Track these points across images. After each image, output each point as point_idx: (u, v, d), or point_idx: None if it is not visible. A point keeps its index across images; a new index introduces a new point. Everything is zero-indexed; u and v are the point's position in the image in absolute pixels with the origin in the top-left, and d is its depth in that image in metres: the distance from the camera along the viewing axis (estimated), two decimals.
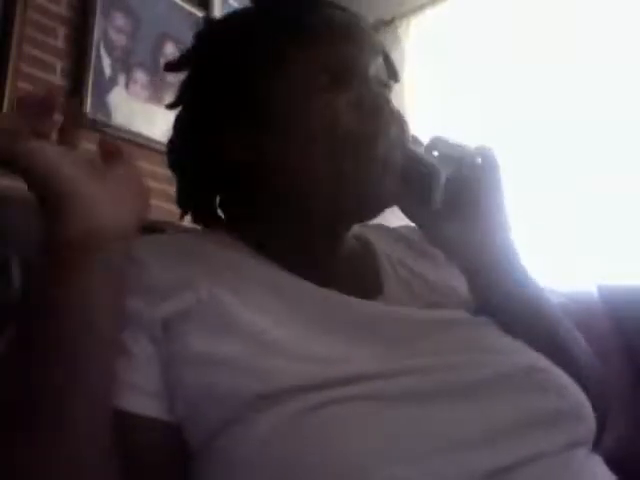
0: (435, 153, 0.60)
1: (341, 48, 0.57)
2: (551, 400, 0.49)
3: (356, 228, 0.64)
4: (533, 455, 0.44)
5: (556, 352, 0.54)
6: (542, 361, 0.52)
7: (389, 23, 2.72)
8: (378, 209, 0.58)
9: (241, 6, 0.65)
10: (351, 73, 0.57)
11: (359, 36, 0.59)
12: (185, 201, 0.64)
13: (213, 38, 0.62)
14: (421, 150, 0.60)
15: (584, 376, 0.55)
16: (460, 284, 0.65)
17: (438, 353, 0.50)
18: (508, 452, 0.43)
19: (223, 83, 0.59)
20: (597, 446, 0.53)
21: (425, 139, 0.62)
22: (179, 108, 0.64)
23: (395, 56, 2.45)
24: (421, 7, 2.64)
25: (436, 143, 0.60)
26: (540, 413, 0.48)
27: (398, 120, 0.58)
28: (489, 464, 0.42)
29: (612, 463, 0.53)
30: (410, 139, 0.60)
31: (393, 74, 0.65)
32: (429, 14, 2.61)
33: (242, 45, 0.58)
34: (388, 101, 0.58)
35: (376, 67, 0.59)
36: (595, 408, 0.52)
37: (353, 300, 0.54)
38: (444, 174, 0.58)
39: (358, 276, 0.61)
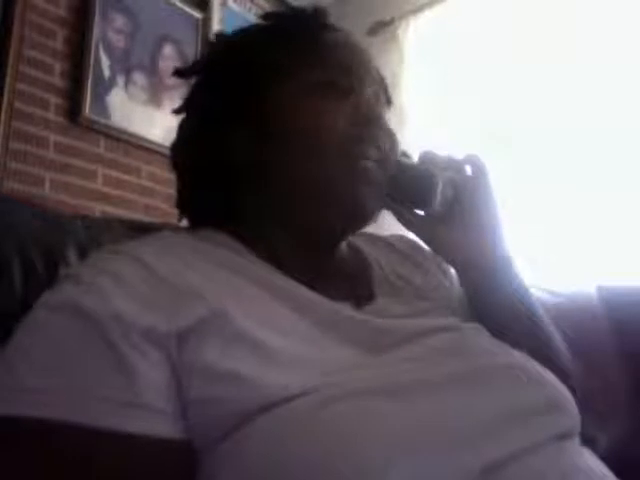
0: (427, 165, 0.63)
1: (342, 64, 0.61)
2: (534, 392, 0.51)
3: (350, 238, 0.66)
4: (524, 448, 0.45)
5: (539, 351, 0.57)
6: (524, 358, 0.54)
7: (388, 24, 2.73)
8: (364, 214, 0.60)
9: (240, 8, 0.67)
10: (349, 87, 0.60)
11: (359, 58, 0.63)
12: (185, 202, 0.65)
13: (223, 48, 0.66)
14: (412, 162, 0.64)
15: (566, 375, 0.56)
16: (450, 290, 0.69)
17: (425, 354, 0.52)
18: (495, 446, 0.44)
19: (230, 89, 0.62)
20: (594, 445, 0.54)
21: (422, 141, 0.66)
22: (177, 112, 0.66)
23: (394, 57, 2.45)
24: (420, 8, 2.64)
25: (426, 156, 0.64)
26: (524, 405, 0.49)
27: (388, 133, 0.62)
28: (484, 458, 0.42)
29: (612, 463, 0.53)
30: (400, 153, 0.63)
31: (388, 100, 0.68)
32: (428, 15, 2.62)
33: (249, 55, 0.62)
34: (380, 114, 0.61)
35: (372, 88, 0.63)
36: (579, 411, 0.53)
37: (346, 307, 0.56)
38: (440, 180, 0.61)
39: (351, 282, 0.62)
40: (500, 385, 0.49)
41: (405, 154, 0.64)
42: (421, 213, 0.65)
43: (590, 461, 0.51)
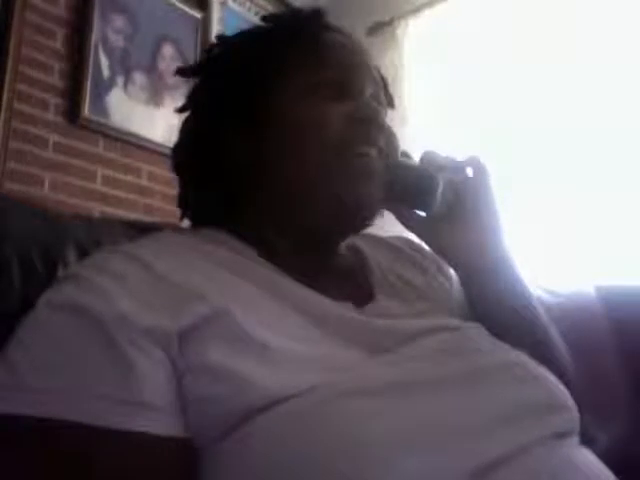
0: (428, 166, 0.63)
1: (343, 65, 0.61)
2: (533, 391, 0.51)
3: (349, 238, 0.67)
4: (522, 446, 0.45)
5: (538, 350, 0.57)
6: (523, 357, 0.54)
7: (388, 24, 2.73)
8: (363, 214, 0.60)
9: (240, 8, 0.68)
10: (350, 88, 0.60)
11: (360, 59, 0.63)
12: (187, 202, 0.66)
13: (224, 50, 0.66)
14: (413, 163, 0.64)
15: (565, 375, 0.57)
16: (450, 291, 0.69)
17: (425, 354, 0.52)
18: (494, 444, 0.44)
19: (230, 90, 0.62)
20: (594, 445, 0.54)
21: (422, 141, 0.66)
22: (179, 112, 0.67)
23: (394, 57, 2.46)
24: (420, 8, 2.64)
25: (427, 156, 0.64)
26: (523, 404, 0.49)
27: (387, 133, 0.62)
28: (483, 457, 0.43)
29: (612, 463, 0.53)
30: (401, 153, 0.64)
31: (390, 101, 0.68)
32: (428, 15, 2.62)
33: (250, 56, 0.62)
34: (379, 114, 0.61)
35: (373, 88, 0.63)
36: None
37: (347, 307, 0.56)
38: (441, 181, 0.61)
39: (351, 282, 0.63)
40: (500, 385, 0.49)
41: (406, 154, 0.65)
42: (422, 214, 0.66)
43: (589, 460, 0.51)
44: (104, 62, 2.19)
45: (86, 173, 2.10)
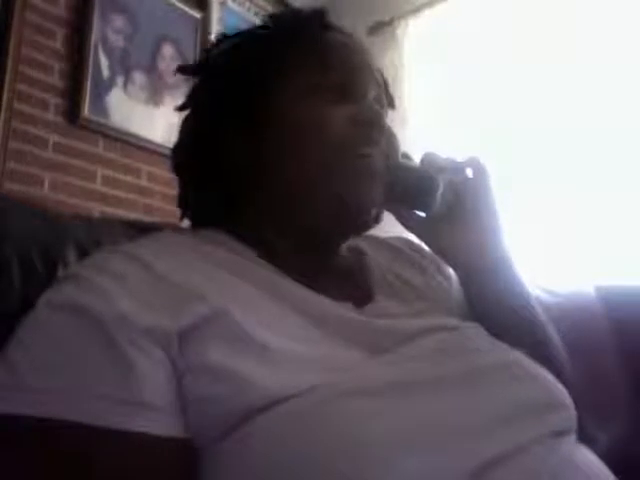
0: (428, 167, 0.64)
1: (345, 66, 0.61)
2: (532, 390, 0.51)
3: (352, 240, 0.67)
4: (521, 446, 0.45)
5: (537, 350, 0.57)
6: (522, 357, 0.54)
7: (388, 24, 2.73)
8: (364, 215, 0.60)
9: (240, 8, 0.67)
10: (351, 92, 0.60)
11: (362, 60, 0.63)
12: (186, 202, 0.66)
13: (225, 49, 0.66)
14: (414, 164, 0.64)
15: (564, 375, 0.57)
16: (449, 291, 0.69)
17: (424, 354, 0.52)
18: (493, 444, 0.44)
19: (230, 90, 0.62)
20: (594, 444, 0.54)
21: (423, 142, 0.66)
22: (179, 110, 0.67)
23: (394, 57, 2.45)
24: (420, 8, 2.64)
25: (427, 158, 0.64)
26: (522, 403, 0.49)
27: (388, 134, 0.62)
28: (482, 456, 0.43)
29: (612, 463, 0.53)
30: (401, 155, 0.64)
31: (390, 102, 0.68)
32: (428, 15, 2.62)
33: (250, 56, 0.62)
34: (382, 117, 0.61)
35: (375, 91, 0.63)
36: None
37: (346, 307, 0.56)
38: (441, 183, 0.61)
39: (351, 282, 0.63)
40: (498, 384, 0.49)
41: (406, 156, 0.65)
42: (422, 214, 0.66)
43: (588, 459, 0.51)
44: (104, 62, 2.19)
45: (86, 173, 2.10)
